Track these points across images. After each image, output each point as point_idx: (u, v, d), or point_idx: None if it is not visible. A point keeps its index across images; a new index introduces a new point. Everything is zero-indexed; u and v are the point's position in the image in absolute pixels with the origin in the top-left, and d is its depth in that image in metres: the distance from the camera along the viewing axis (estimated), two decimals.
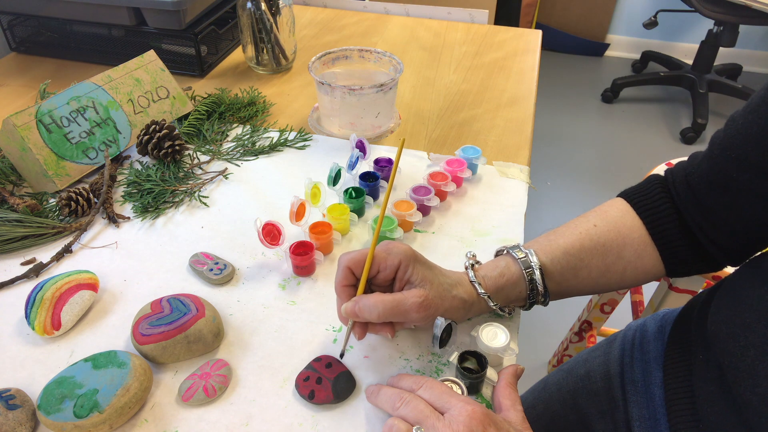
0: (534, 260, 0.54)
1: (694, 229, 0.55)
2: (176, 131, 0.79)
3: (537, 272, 0.54)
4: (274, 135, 0.86)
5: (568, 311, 1.69)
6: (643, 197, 0.58)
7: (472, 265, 0.55)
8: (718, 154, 0.52)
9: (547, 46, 3.09)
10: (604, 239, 0.56)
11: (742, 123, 0.49)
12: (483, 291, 0.53)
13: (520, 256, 0.55)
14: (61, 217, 0.71)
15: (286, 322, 0.58)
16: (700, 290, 1.03)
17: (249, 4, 0.94)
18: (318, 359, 0.54)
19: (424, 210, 0.71)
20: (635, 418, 0.61)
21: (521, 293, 0.55)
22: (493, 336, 0.53)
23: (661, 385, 0.59)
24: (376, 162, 0.76)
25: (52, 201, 0.73)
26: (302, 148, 0.84)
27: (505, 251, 0.57)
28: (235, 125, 0.88)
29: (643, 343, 0.66)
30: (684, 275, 0.59)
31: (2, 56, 1.09)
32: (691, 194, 0.55)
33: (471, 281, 0.54)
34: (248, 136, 0.85)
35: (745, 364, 0.45)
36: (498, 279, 0.54)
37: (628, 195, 0.60)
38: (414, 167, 0.80)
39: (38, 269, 0.63)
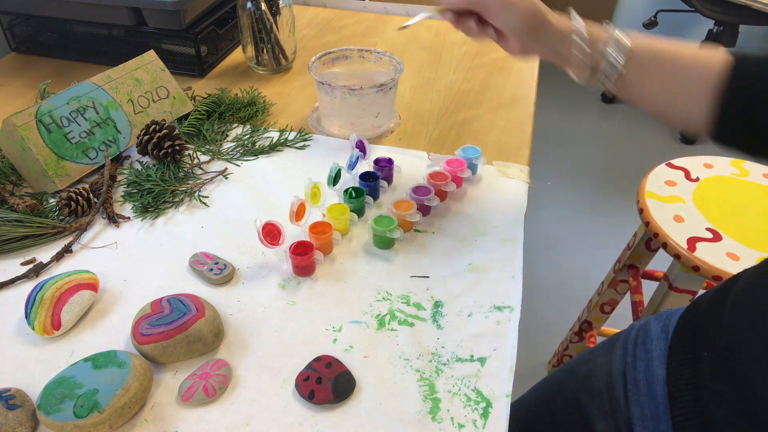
0: (626, 41, 0.57)
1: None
2: (176, 131, 0.79)
3: (621, 41, 0.57)
4: (274, 135, 0.86)
5: (568, 311, 1.70)
6: (749, 68, 0.56)
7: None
8: None
9: None
10: (685, 62, 0.57)
11: None
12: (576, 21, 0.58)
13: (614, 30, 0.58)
14: (61, 217, 0.71)
15: (286, 322, 0.59)
16: (700, 290, 1.04)
17: (249, 4, 0.94)
18: (318, 359, 0.54)
19: (424, 210, 0.71)
20: (636, 416, 0.61)
21: (599, 57, 0.58)
22: None
23: (664, 383, 0.59)
24: (376, 162, 0.76)
25: (52, 201, 0.73)
26: (302, 148, 0.84)
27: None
28: (235, 125, 0.88)
29: (646, 342, 0.66)
30: (723, 145, 0.58)
31: (2, 56, 1.09)
32: None
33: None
34: (248, 136, 0.85)
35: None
36: (590, 25, 0.58)
37: (738, 54, 0.58)
38: (414, 167, 0.80)
39: (38, 269, 0.64)
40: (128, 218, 0.71)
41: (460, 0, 0.60)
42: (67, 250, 0.66)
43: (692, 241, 0.95)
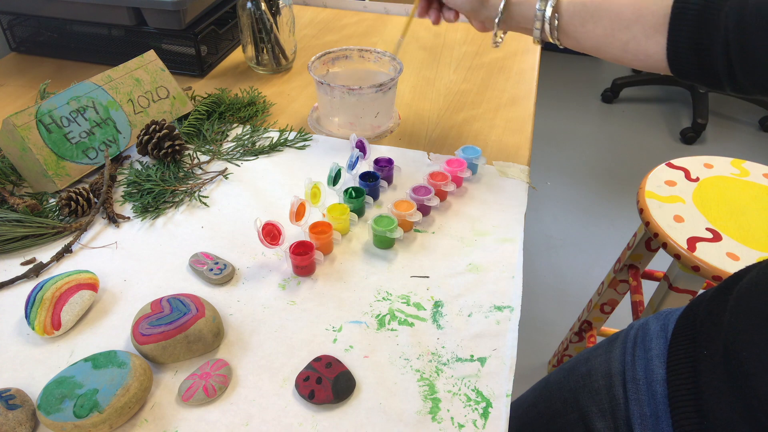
0: None
1: (715, 57, 0.55)
2: (176, 131, 0.79)
3: (549, 6, 0.64)
4: (274, 135, 0.86)
5: (568, 311, 1.70)
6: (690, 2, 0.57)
7: None
8: None
9: (547, 46, 3.09)
10: (621, 9, 0.61)
11: None
12: None
13: None
14: (61, 217, 0.71)
15: (286, 322, 0.59)
16: (701, 290, 1.04)
17: (249, 4, 0.94)
18: (318, 359, 0.54)
19: (424, 210, 0.71)
20: (635, 416, 0.61)
21: (530, 21, 0.67)
22: None
23: (663, 382, 0.59)
24: (376, 162, 0.76)
25: (52, 201, 0.73)
26: (302, 148, 0.84)
27: None
28: (235, 125, 0.88)
29: (645, 341, 0.66)
30: (683, 78, 0.61)
31: (2, 56, 1.09)
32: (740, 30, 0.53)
33: None
34: (248, 136, 0.85)
35: None
36: None
37: None
38: (414, 167, 0.80)
39: (38, 269, 0.64)
40: (128, 218, 0.71)
41: None
42: (67, 250, 0.66)
43: (692, 241, 0.95)
